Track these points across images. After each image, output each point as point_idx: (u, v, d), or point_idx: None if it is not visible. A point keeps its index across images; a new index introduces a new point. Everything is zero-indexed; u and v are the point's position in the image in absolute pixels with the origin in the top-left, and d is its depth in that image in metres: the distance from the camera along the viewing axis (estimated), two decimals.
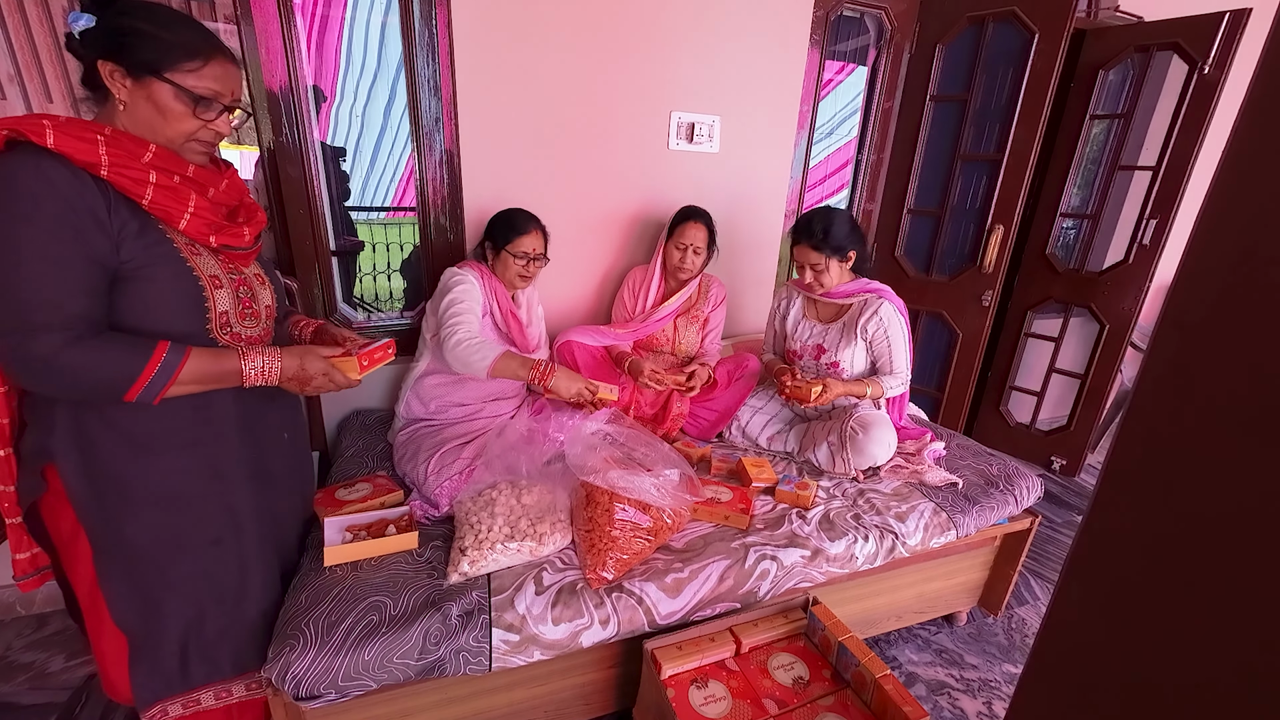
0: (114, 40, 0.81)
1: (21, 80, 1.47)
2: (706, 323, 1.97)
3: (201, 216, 0.88)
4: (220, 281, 0.92)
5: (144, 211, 0.84)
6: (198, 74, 0.85)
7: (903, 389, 1.75)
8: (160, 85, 0.82)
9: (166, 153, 0.86)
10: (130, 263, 0.82)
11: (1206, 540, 0.32)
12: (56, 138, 0.75)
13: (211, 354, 0.88)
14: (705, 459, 1.73)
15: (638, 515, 1.26)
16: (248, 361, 0.90)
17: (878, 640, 1.73)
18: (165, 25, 0.83)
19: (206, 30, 0.88)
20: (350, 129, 3.61)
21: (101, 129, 0.80)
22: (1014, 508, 1.60)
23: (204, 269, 0.90)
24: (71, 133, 0.77)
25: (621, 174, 1.99)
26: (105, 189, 0.80)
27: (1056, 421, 2.85)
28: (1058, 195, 2.56)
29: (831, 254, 1.64)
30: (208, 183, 0.92)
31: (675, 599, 1.20)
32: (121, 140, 0.81)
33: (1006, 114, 2.13)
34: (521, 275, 1.62)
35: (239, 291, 0.96)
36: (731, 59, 1.99)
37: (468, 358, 1.38)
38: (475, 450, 1.47)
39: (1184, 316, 0.32)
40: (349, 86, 3.30)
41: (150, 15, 0.83)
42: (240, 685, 1.06)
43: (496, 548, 1.18)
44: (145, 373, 0.82)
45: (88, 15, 0.81)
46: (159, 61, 0.82)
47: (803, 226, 1.65)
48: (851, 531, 1.41)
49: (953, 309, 2.37)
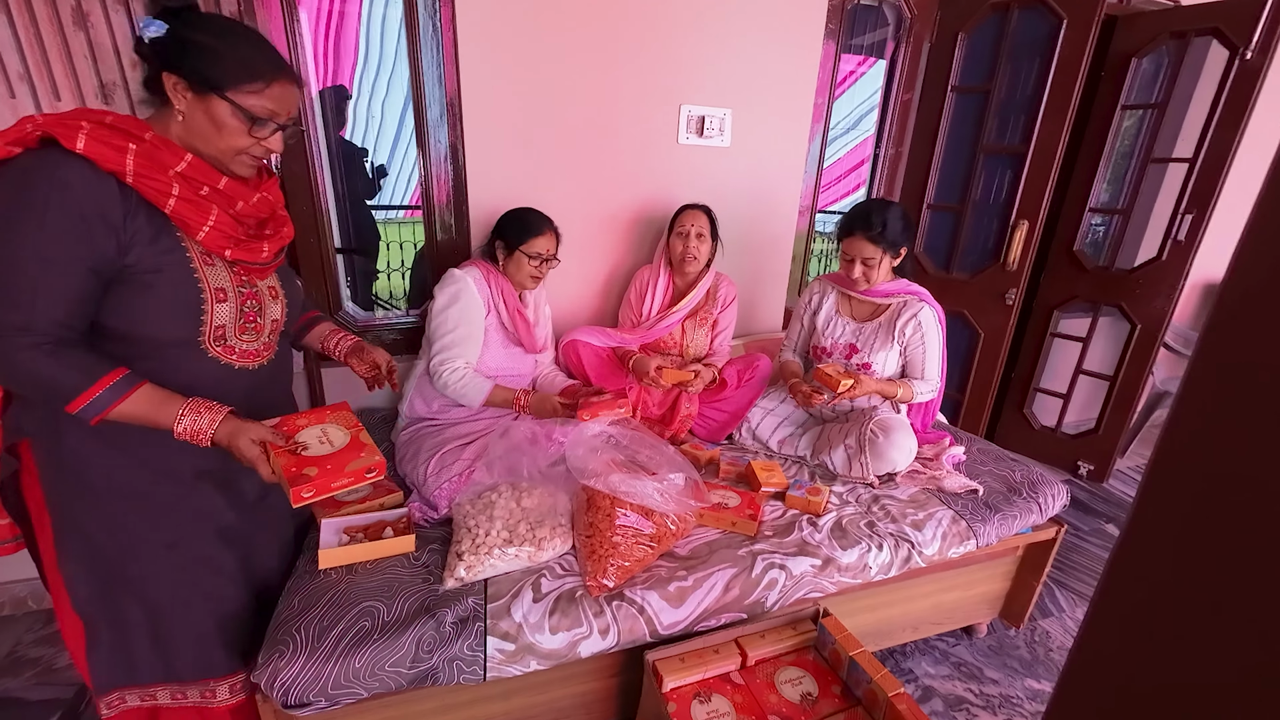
0: (181, 53, 0.82)
1: (30, 79, 1.48)
2: (716, 324, 1.91)
3: (221, 230, 0.88)
4: (225, 294, 0.92)
5: (163, 217, 0.85)
6: (258, 95, 0.86)
7: (931, 396, 1.68)
8: (219, 102, 0.84)
9: (200, 164, 0.86)
10: (136, 266, 0.83)
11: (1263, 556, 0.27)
12: (87, 143, 0.77)
13: (157, 400, 0.86)
14: (714, 461, 1.68)
15: (640, 521, 1.21)
16: (182, 419, 0.87)
17: (892, 652, 1.66)
18: (233, 44, 0.84)
19: (273, 51, 0.89)
20: (368, 127, 3.62)
21: (140, 136, 0.81)
22: (1038, 516, 1.52)
23: (211, 280, 0.90)
24: (103, 139, 0.78)
25: (629, 169, 1.95)
26: (128, 192, 0.81)
27: (1083, 425, 2.74)
28: (1086, 189, 2.45)
29: (888, 248, 1.58)
30: (237, 196, 0.92)
31: (678, 609, 1.16)
32: (155, 150, 0.82)
33: (1032, 105, 2.04)
34: (534, 276, 1.59)
35: (245, 305, 0.95)
36: (744, 50, 1.93)
37: (458, 398, 1.51)
38: (476, 451, 1.44)
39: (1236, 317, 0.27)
40: (365, 84, 3.30)
41: (219, 32, 0.85)
42: (195, 690, 1.04)
43: (494, 553, 1.15)
44: (86, 394, 0.82)
45: (159, 23, 0.83)
46: (221, 80, 0.83)
47: (859, 217, 1.58)
48: (865, 540, 1.35)
49: (974, 308, 2.28)
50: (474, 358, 1.53)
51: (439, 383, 1.50)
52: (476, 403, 1.51)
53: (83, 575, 0.94)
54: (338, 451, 0.96)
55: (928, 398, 1.70)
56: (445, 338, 1.49)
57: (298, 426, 1.00)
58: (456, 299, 1.50)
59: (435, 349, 1.51)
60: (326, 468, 0.92)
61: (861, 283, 1.63)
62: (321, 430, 1.00)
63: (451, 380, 1.48)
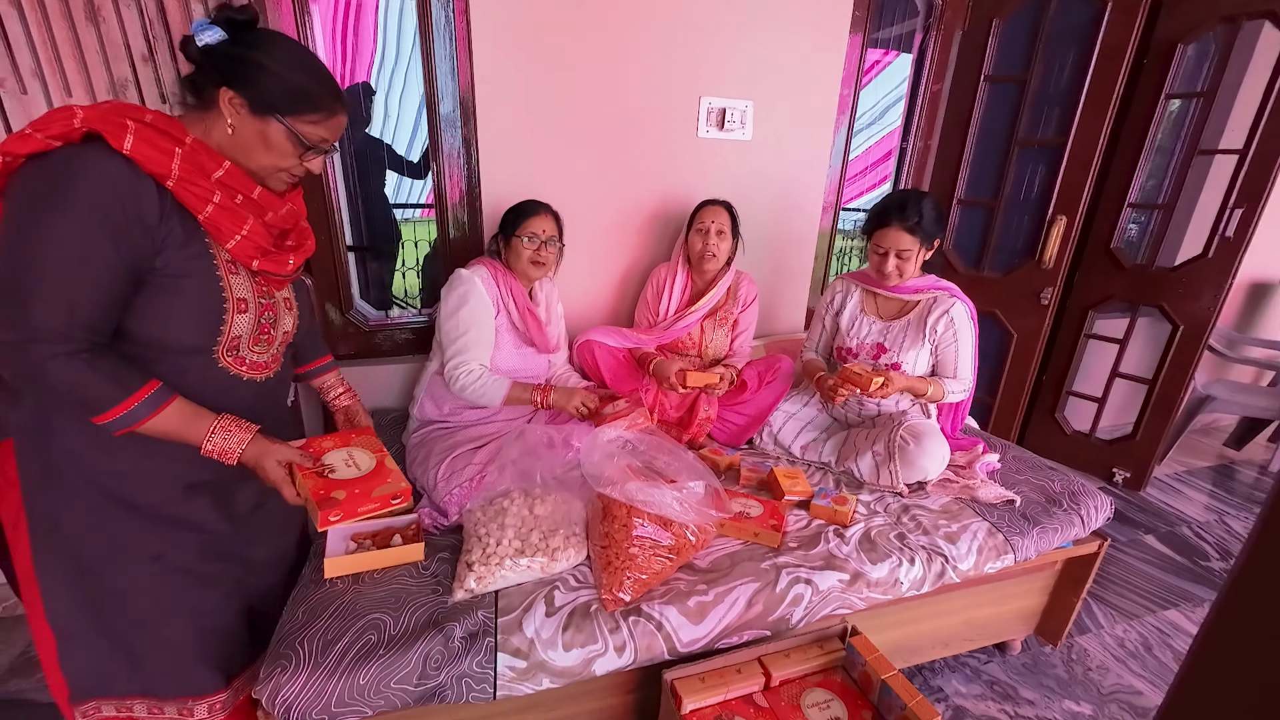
0: (244, 72, 0.81)
1: (43, 75, 1.46)
2: (736, 324, 1.85)
3: (252, 239, 0.87)
4: (246, 305, 0.90)
5: (195, 222, 0.83)
6: (316, 124, 0.87)
7: (963, 395, 1.60)
8: (277, 125, 0.84)
9: (237, 172, 0.85)
10: (163, 270, 0.82)
11: None
12: (134, 144, 0.75)
13: (189, 415, 0.85)
14: (734, 467, 1.62)
15: (658, 532, 1.16)
16: (213, 437, 0.86)
17: (920, 669, 1.59)
18: (299, 72, 0.84)
19: (334, 81, 0.89)
20: (385, 123, 3.60)
21: (182, 139, 0.80)
22: (1080, 529, 1.43)
23: (234, 289, 0.88)
24: (150, 140, 0.77)
25: (647, 163, 1.89)
26: (164, 194, 0.79)
27: (1118, 430, 2.62)
28: (1125, 183, 2.33)
29: (923, 240, 1.50)
30: (269, 206, 0.91)
31: (698, 625, 1.10)
32: (197, 155, 0.81)
33: (1071, 94, 1.94)
34: (534, 262, 1.52)
35: (262, 317, 0.94)
36: (767, 39, 1.86)
37: (476, 400, 1.47)
38: (488, 455, 1.39)
39: None
40: (383, 79, 3.27)
41: (286, 58, 0.84)
42: (173, 707, 0.99)
43: (505, 563, 1.10)
44: (121, 407, 0.80)
45: (216, 30, 0.80)
46: (284, 106, 0.84)
47: (894, 206, 1.51)
48: (895, 553, 1.27)
49: (1007, 307, 2.19)
50: (487, 359, 1.49)
51: (455, 387, 1.46)
52: (496, 402, 1.45)
53: (60, 583, 0.89)
54: (364, 476, 0.95)
55: (959, 398, 1.62)
56: (457, 342, 1.45)
57: (324, 448, 0.98)
58: (465, 301, 1.45)
59: (448, 354, 1.47)
60: (354, 492, 0.91)
61: (893, 277, 1.56)
62: (347, 453, 0.99)
63: (468, 382, 1.44)
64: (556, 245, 1.56)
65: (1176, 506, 2.46)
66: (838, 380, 1.54)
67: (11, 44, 1.42)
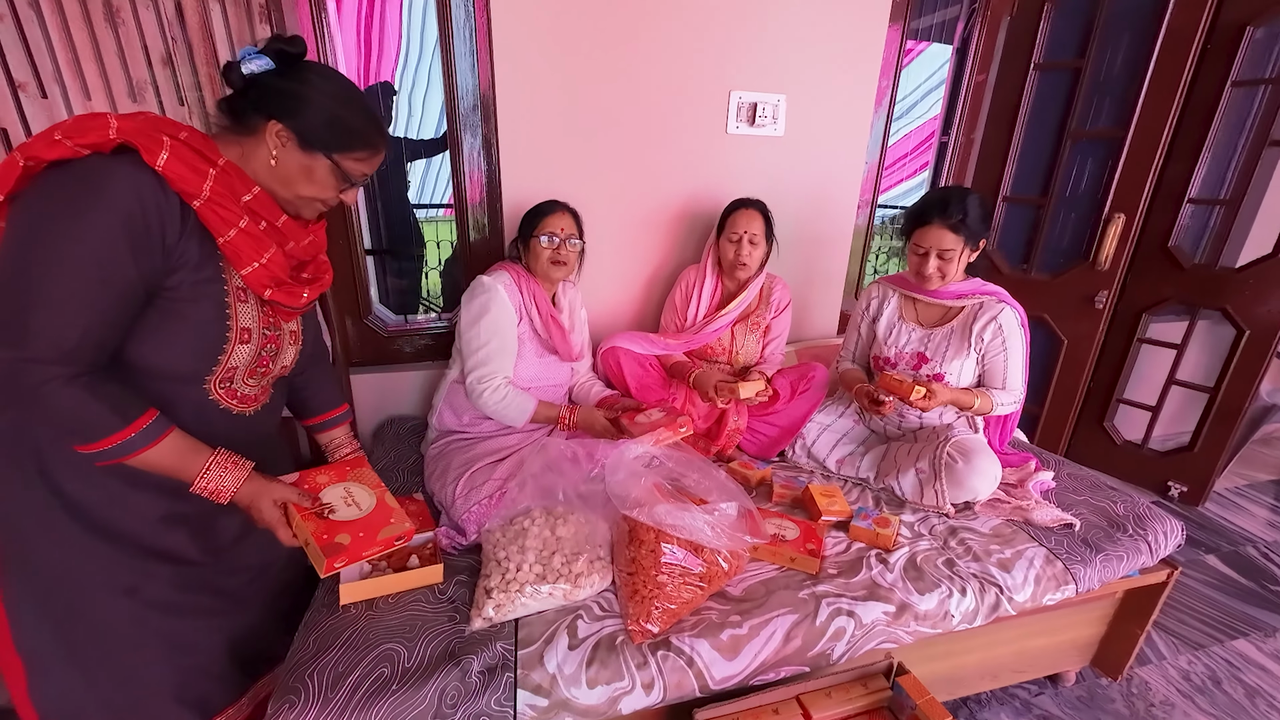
0: (295, 107, 0.80)
1: (62, 79, 1.44)
2: (768, 330, 1.75)
3: (269, 269, 0.84)
4: (250, 335, 0.87)
5: (212, 245, 0.80)
6: (361, 161, 0.86)
7: (1014, 408, 1.49)
8: (324, 161, 0.83)
9: (266, 198, 0.83)
10: (173, 292, 0.78)
11: None
12: (169, 162, 0.73)
13: (184, 449, 0.81)
14: (765, 482, 1.53)
15: (688, 558, 1.08)
16: (207, 474, 0.82)
17: (966, 701, 1.48)
18: (349, 109, 0.83)
19: (379, 118, 0.88)
20: (409, 122, 3.58)
21: (215, 160, 0.78)
22: (1148, 558, 1.32)
23: (240, 318, 0.85)
24: (186, 160, 0.74)
25: (674, 162, 1.80)
26: (187, 214, 0.77)
27: (1171, 440, 2.46)
28: (1185, 177, 2.17)
29: (968, 239, 1.40)
30: (291, 235, 0.89)
31: (732, 661, 1.02)
32: (229, 177, 0.79)
33: (1132, 82, 1.80)
34: (554, 262, 1.46)
35: (264, 349, 0.90)
36: (800, 31, 1.76)
37: (499, 418, 1.43)
38: (509, 470, 1.33)
39: None
40: (405, 77, 3.24)
41: (338, 94, 0.83)
42: None
43: (525, 590, 1.03)
44: (117, 436, 0.75)
45: (265, 59, 0.79)
46: (334, 144, 0.83)
47: (936, 203, 1.40)
48: (944, 582, 1.18)
49: (1056, 311, 2.05)
50: (510, 371, 1.43)
51: (479, 403, 1.41)
52: (521, 422, 1.43)
53: (29, 612, 0.84)
54: (367, 516, 0.90)
55: (1009, 410, 1.50)
56: (478, 353, 1.40)
57: (319, 484, 0.93)
58: (486, 309, 1.39)
59: (469, 365, 1.41)
60: (359, 535, 0.87)
61: (934, 280, 1.45)
62: (345, 490, 0.94)
63: (492, 400, 1.40)
64: (576, 244, 1.50)
65: (1239, 523, 2.30)
66: (875, 388, 1.45)
67: (31, 48, 1.40)
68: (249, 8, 1.48)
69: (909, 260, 1.50)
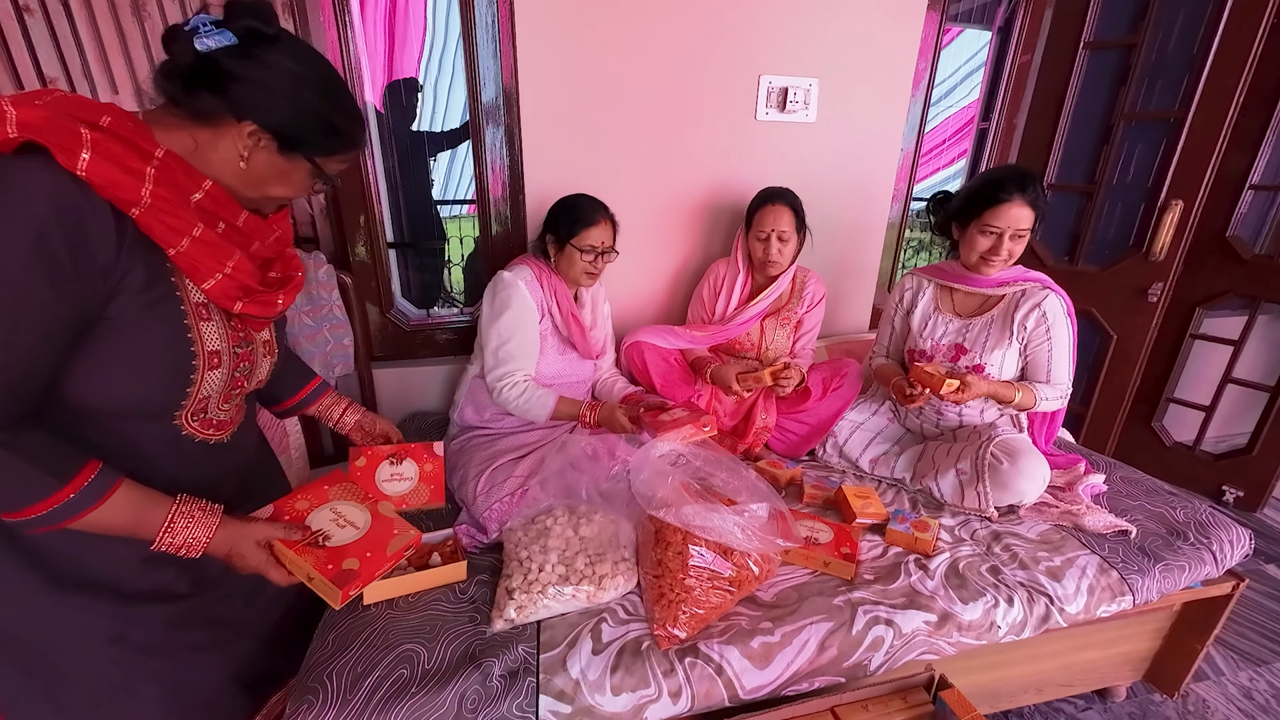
0: (277, 106, 0.67)
1: (90, 74, 1.45)
2: (800, 325, 1.69)
3: (235, 279, 0.71)
4: (220, 359, 0.73)
5: (161, 258, 0.66)
6: (344, 161, 0.77)
7: (1059, 404, 1.40)
8: (304, 164, 0.73)
9: (220, 193, 0.69)
10: (116, 320, 0.64)
11: None
12: (92, 164, 0.58)
13: (136, 502, 0.67)
14: (795, 482, 1.47)
15: (717, 561, 1.03)
16: (171, 529, 0.69)
17: (1008, 714, 1.41)
18: (339, 107, 0.73)
19: (357, 106, 0.77)
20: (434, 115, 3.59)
21: (151, 153, 0.63)
22: (1212, 568, 1.23)
23: (205, 341, 0.71)
24: (114, 159, 0.59)
25: (702, 150, 1.75)
26: (124, 222, 0.62)
27: (1225, 442, 2.32)
28: (1249, 162, 2.04)
29: (1040, 218, 1.32)
30: (255, 235, 0.76)
31: (763, 670, 0.97)
32: (170, 172, 0.64)
33: (1191, 61, 1.68)
34: (588, 272, 1.43)
35: (236, 370, 0.77)
36: (832, 11, 1.68)
37: (520, 415, 1.41)
38: (530, 466, 1.30)
39: None
40: (431, 69, 3.23)
41: (323, 89, 0.71)
42: None
43: (548, 591, 1.00)
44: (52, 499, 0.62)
45: (226, 34, 0.63)
46: (321, 147, 0.72)
47: (1013, 179, 1.29)
48: (989, 590, 1.11)
49: (1105, 305, 1.94)
50: (532, 369, 1.41)
51: (500, 399, 1.40)
52: (542, 419, 1.40)
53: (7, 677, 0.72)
54: (367, 534, 0.82)
55: (1054, 406, 1.41)
56: (500, 350, 1.37)
57: (299, 511, 0.82)
58: (507, 306, 1.36)
59: (490, 362, 1.39)
60: (366, 555, 0.78)
61: (999, 265, 1.36)
62: (332, 510, 0.84)
63: (512, 396, 1.38)
64: (612, 255, 1.46)
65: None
66: (905, 381, 1.37)
67: (60, 42, 1.41)
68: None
69: (971, 243, 1.38)
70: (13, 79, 1.40)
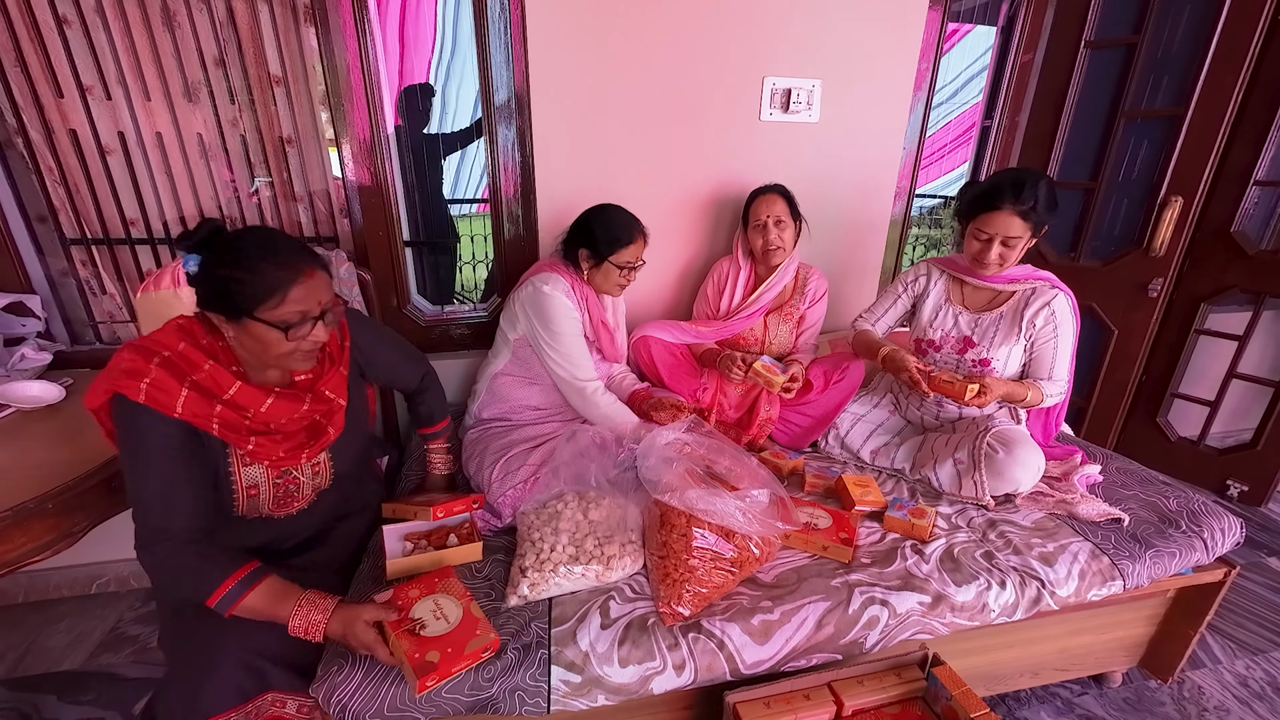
0: (211, 290, 0.89)
1: (125, 82, 1.52)
2: (802, 320, 1.74)
3: (263, 449, 0.97)
4: (258, 489, 1.01)
5: None
6: (280, 306, 0.88)
7: (1059, 399, 1.44)
8: (253, 323, 0.88)
9: (248, 391, 0.94)
10: None
11: None
12: (147, 395, 0.86)
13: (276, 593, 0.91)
14: (797, 473, 1.52)
15: (719, 543, 1.08)
16: (296, 616, 0.90)
17: (1004, 698, 1.45)
18: (251, 268, 0.87)
19: (290, 252, 0.90)
20: (444, 117, 3.65)
21: (201, 365, 0.91)
22: (1203, 555, 1.26)
23: (245, 479, 0.99)
24: (160, 386, 0.87)
25: (707, 151, 1.79)
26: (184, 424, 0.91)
27: (1229, 437, 2.34)
28: (1252, 158, 2.04)
29: (1035, 227, 1.33)
30: (282, 412, 0.98)
31: (763, 645, 1.02)
32: (209, 383, 0.91)
33: (1192, 58, 1.70)
34: (621, 285, 1.49)
35: (278, 494, 1.04)
36: (835, 12, 1.72)
37: (609, 420, 1.44)
38: (543, 455, 1.36)
39: None
40: (439, 73, 3.30)
41: (238, 259, 0.87)
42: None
43: (559, 570, 1.06)
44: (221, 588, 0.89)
45: (193, 258, 0.89)
46: (248, 306, 0.87)
47: (1008, 186, 1.30)
48: (983, 574, 1.15)
49: (1106, 301, 1.97)
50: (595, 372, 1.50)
51: (586, 406, 1.46)
52: (628, 427, 1.42)
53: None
54: (454, 630, 0.92)
55: (1055, 401, 1.45)
56: (571, 362, 1.44)
57: (410, 599, 0.97)
58: (561, 316, 1.41)
59: (562, 373, 1.45)
60: (447, 651, 0.89)
61: (993, 267, 1.39)
62: (434, 602, 0.97)
63: (604, 403, 1.45)
64: (643, 263, 1.52)
65: None
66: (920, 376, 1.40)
67: (97, 52, 1.49)
68: (294, 8, 1.54)
69: (967, 244, 1.42)
70: (53, 87, 1.48)
